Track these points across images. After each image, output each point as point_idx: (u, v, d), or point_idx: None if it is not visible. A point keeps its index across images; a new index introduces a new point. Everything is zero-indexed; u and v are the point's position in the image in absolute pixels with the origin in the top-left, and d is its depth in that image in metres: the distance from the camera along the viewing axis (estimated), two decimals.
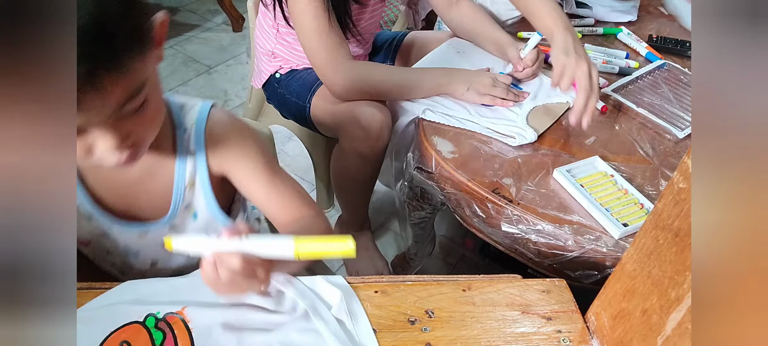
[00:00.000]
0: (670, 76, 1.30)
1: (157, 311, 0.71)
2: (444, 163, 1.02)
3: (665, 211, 0.55)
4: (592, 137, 1.10)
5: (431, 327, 0.70)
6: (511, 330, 0.70)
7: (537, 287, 0.76)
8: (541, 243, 0.91)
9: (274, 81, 1.37)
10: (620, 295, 0.64)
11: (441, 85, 1.18)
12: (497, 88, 1.16)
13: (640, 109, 1.17)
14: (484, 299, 0.74)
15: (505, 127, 1.08)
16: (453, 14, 1.39)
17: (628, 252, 0.63)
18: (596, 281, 0.88)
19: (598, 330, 0.69)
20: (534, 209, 0.93)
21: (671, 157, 1.06)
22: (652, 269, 0.58)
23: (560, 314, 0.73)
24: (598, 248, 0.87)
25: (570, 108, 1.17)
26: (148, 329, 0.69)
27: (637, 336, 0.61)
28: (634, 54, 1.41)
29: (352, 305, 0.73)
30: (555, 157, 1.05)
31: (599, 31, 1.49)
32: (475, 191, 0.97)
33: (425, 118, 1.13)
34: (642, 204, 0.94)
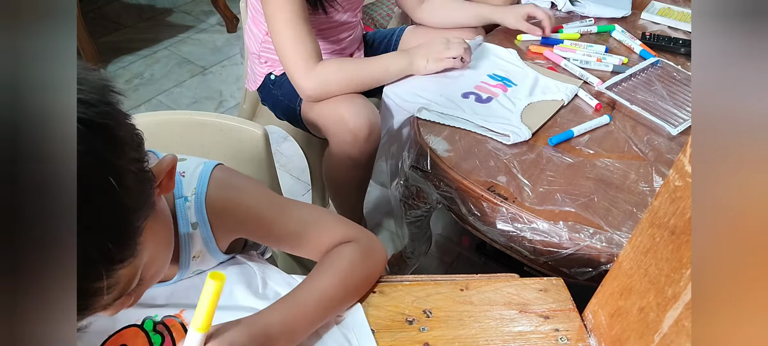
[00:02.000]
0: (664, 74, 1.30)
1: (154, 314, 0.71)
2: (439, 162, 1.02)
3: (661, 209, 0.55)
4: (587, 136, 1.10)
5: (429, 327, 0.70)
6: (509, 329, 0.70)
7: (534, 286, 0.76)
8: (536, 240, 0.92)
9: (268, 83, 1.37)
10: (617, 293, 0.65)
11: (405, 68, 1.22)
12: (451, 47, 1.20)
13: (634, 107, 1.17)
14: (482, 298, 0.74)
15: (499, 126, 1.09)
16: (424, 9, 1.43)
17: (625, 250, 0.63)
18: (591, 278, 0.89)
19: (596, 328, 0.69)
20: (529, 207, 0.93)
21: (666, 154, 1.07)
22: (648, 267, 0.58)
23: (558, 312, 0.73)
24: (593, 245, 0.88)
25: (564, 106, 1.18)
26: (146, 332, 0.69)
27: (634, 334, 0.61)
28: (628, 51, 1.42)
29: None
30: (549, 155, 1.05)
31: (594, 29, 1.50)
32: (471, 189, 0.97)
33: (420, 117, 1.13)
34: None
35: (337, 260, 0.72)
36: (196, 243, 0.72)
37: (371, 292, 0.75)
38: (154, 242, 0.57)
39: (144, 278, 0.57)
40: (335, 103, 1.20)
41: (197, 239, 0.71)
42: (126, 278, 0.52)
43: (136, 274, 0.54)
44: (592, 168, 1.03)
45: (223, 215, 0.72)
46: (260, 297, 0.74)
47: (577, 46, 1.39)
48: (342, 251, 0.74)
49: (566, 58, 1.33)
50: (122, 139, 0.50)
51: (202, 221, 0.71)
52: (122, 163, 0.49)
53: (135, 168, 0.52)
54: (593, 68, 1.32)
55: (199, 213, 0.70)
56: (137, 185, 0.52)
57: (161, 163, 0.58)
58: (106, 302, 0.51)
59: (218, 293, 0.54)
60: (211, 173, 0.72)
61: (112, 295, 0.51)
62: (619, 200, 0.96)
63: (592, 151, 1.07)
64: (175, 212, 0.70)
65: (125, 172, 0.49)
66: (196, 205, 0.70)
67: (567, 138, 1.09)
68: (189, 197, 0.70)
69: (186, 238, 0.71)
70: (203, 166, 0.73)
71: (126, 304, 0.57)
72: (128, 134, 0.52)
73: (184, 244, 0.71)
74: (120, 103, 0.51)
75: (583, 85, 1.26)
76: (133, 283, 0.55)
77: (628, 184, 0.99)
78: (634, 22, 1.56)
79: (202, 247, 0.72)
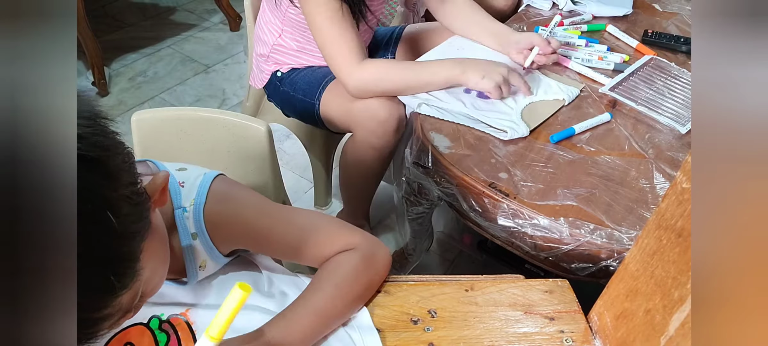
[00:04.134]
0: (662, 71, 1.31)
1: (160, 312, 0.71)
2: (441, 159, 1.02)
3: (668, 211, 0.55)
4: (588, 133, 1.11)
5: (434, 327, 0.70)
6: (514, 330, 0.70)
7: (540, 287, 0.76)
8: (537, 236, 0.92)
9: (275, 80, 1.37)
10: (623, 295, 0.65)
11: (455, 76, 1.18)
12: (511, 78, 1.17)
13: (639, 106, 1.17)
14: (487, 299, 0.74)
15: (497, 121, 1.09)
16: (447, 10, 1.39)
17: (631, 252, 0.63)
18: (591, 274, 0.90)
19: (601, 330, 0.69)
20: (530, 203, 0.93)
21: (666, 152, 1.07)
22: (655, 269, 0.58)
23: (563, 314, 0.73)
24: (593, 241, 0.88)
25: (565, 105, 1.18)
26: (152, 330, 0.70)
27: (640, 336, 0.61)
28: (626, 47, 1.42)
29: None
30: (550, 152, 1.05)
31: (584, 28, 1.49)
32: (472, 186, 0.97)
33: (420, 113, 1.13)
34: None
35: (338, 271, 0.72)
36: (200, 253, 0.72)
37: (376, 291, 0.75)
38: (152, 259, 0.57)
39: (144, 293, 0.57)
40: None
41: (199, 248, 0.71)
42: (128, 300, 0.52)
43: (137, 294, 0.54)
44: (593, 165, 1.03)
45: (221, 228, 0.72)
46: (266, 296, 0.74)
47: (578, 46, 1.39)
48: (343, 261, 0.73)
49: (568, 56, 1.33)
50: (116, 167, 0.49)
51: (201, 232, 0.71)
52: (117, 194, 0.49)
53: (129, 192, 0.51)
54: (595, 66, 1.32)
55: (197, 224, 0.70)
56: (134, 209, 0.52)
57: (155, 181, 0.58)
58: (109, 325, 0.52)
59: (241, 304, 0.53)
60: (210, 184, 0.72)
61: (115, 318, 0.52)
62: (620, 195, 0.96)
63: (593, 149, 1.07)
64: (175, 222, 0.70)
65: (120, 201, 0.49)
66: (195, 216, 0.70)
67: (568, 135, 1.09)
68: (187, 208, 0.70)
69: (189, 249, 0.71)
70: (203, 177, 0.73)
71: (127, 319, 0.57)
72: (121, 160, 0.51)
73: (188, 255, 0.71)
74: (110, 128, 0.50)
75: (589, 84, 1.25)
76: (135, 301, 0.55)
77: (629, 180, 0.99)
78: (636, 20, 1.55)
79: (205, 256, 0.73)
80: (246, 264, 0.79)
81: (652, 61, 1.34)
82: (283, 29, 1.31)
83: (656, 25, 1.53)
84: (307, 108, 1.33)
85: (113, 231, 0.47)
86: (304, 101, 1.33)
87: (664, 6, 1.64)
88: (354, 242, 0.75)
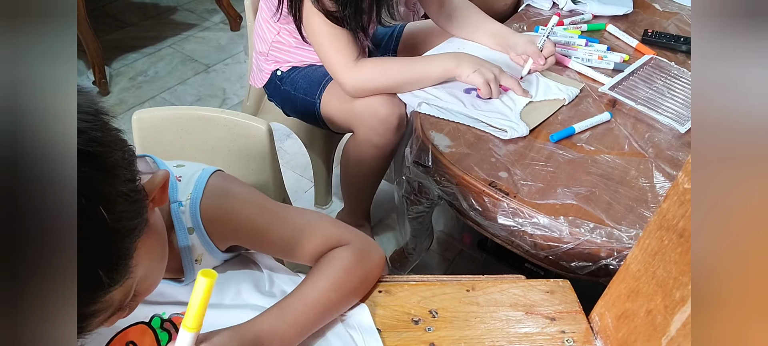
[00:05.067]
0: (662, 71, 1.31)
1: (162, 311, 0.71)
2: (441, 158, 1.02)
3: (670, 211, 0.55)
4: (588, 133, 1.11)
5: (435, 327, 0.70)
6: (515, 330, 0.70)
7: (541, 288, 0.76)
8: (537, 235, 0.92)
9: (275, 79, 1.37)
10: (624, 295, 0.65)
11: (450, 69, 1.19)
12: (501, 78, 1.17)
13: (639, 106, 1.17)
14: (488, 299, 0.74)
15: (497, 121, 1.09)
16: (444, 11, 1.39)
17: (633, 253, 0.63)
18: (591, 272, 0.90)
19: (602, 331, 0.69)
20: (530, 202, 0.93)
21: (666, 151, 1.07)
22: (656, 269, 0.58)
23: (564, 314, 0.73)
24: (593, 240, 0.88)
25: (565, 104, 1.18)
26: (153, 329, 0.69)
27: (641, 337, 0.61)
28: (626, 46, 1.42)
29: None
30: (550, 151, 1.05)
31: (584, 27, 1.49)
32: (472, 185, 0.98)
33: (421, 112, 1.13)
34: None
35: (331, 265, 0.72)
36: (196, 247, 0.72)
37: (377, 291, 0.75)
38: (148, 257, 0.56)
39: (139, 291, 0.57)
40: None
41: (195, 243, 0.71)
42: (119, 297, 0.52)
43: (129, 292, 0.54)
44: (593, 164, 1.03)
45: (216, 223, 0.72)
46: (267, 295, 0.74)
47: (578, 45, 1.39)
48: (335, 255, 0.74)
49: (568, 56, 1.33)
50: (114, 163, 0.49)
51: (197, 226, 0.70)
52: (113, 190, 0.49)
53: (127, 189, 0.51)
54: (594, 65, 1.32)
55: (194, 218, 0.70)
56: (130, 206, 0.51)
57: (153, 179, 0.58)
58: (100, 321, 0.52)
59: (209, 291, 0.53)
60: (207, 179, 0.72)
61: (106, 314, 0.52)
62: (620, 194, 0.96)
63: (593, 148, 1.07)
64: (171, 216, 0.70)
65: (117, 197, 0.49)
66: (191, 210, 0.70)
67: (568, 135, 1.09)
68: (183, 202, 0.70)
69: (186, 248, 0.71)
70: (201, 172, 0.73)
71: (121, 316, 0.57)
72: (119, 156, 0.51)
73: (185, 251, 0.71)
74: (111, 125, 0.50)
75: (589, 84, 1.25)
76: (127, 299, 0.55)
77: (629, 180, 1.00)
78: (636, 20, 1.55)
79: (202, 249, 0.72)
80: (247, 263, 0.79)
81: (652, 60, 1.34)
82: (281, 26, 1.31)
83: (656, 25, 1.53)
84: (308, 107, 1.33)
85: (106, 227, 0.47)
86: (305, 100, 1.33)
87: (664, 5, 1.64)
88: (347, 238, 0.76)
